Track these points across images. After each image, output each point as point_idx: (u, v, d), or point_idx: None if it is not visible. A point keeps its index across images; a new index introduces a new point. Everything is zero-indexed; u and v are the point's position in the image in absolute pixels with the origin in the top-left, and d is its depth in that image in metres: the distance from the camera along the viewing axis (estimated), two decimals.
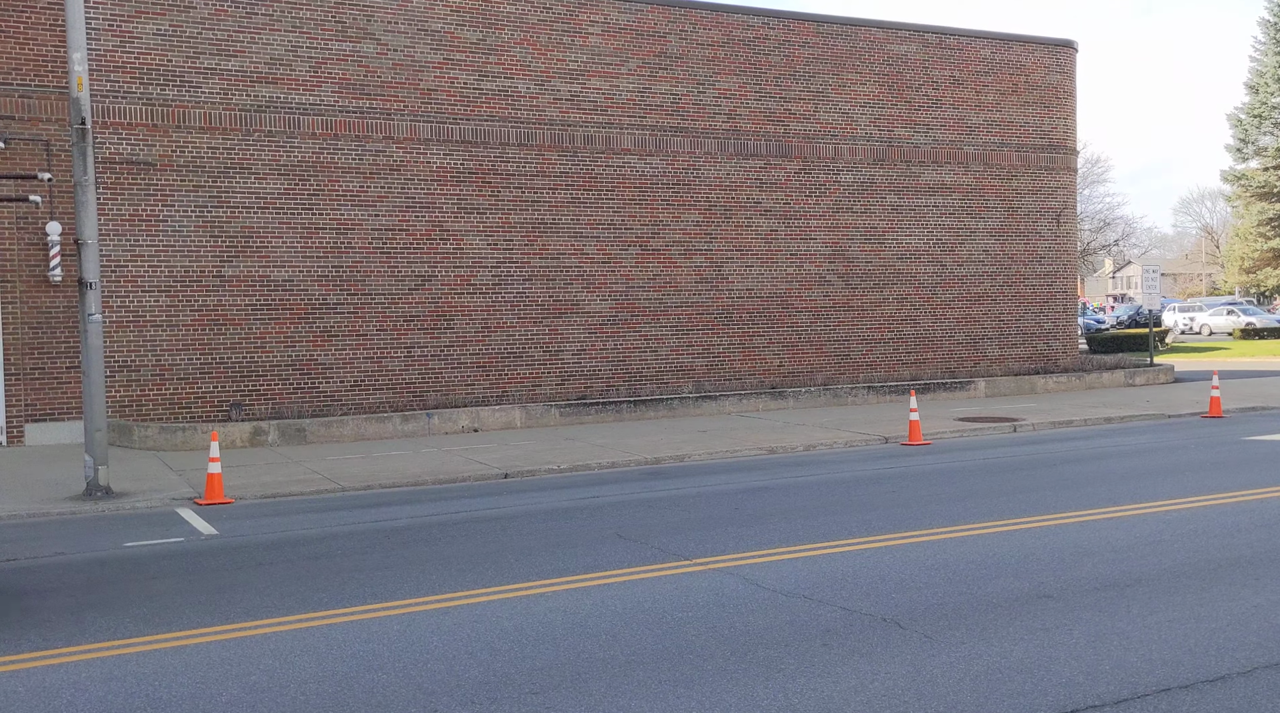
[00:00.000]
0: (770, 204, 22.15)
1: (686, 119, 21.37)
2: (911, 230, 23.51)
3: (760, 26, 22.11)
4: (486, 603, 7.46)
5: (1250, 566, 7.93)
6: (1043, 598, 7.17)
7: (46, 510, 11.74)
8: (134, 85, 17.37)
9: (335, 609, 7.42)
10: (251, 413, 17.98)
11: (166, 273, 17.59)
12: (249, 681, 5.99)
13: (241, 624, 7.12)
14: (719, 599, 7.37)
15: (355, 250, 18.83)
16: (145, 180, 17.45)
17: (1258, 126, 53.54)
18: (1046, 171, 25.12)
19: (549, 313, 20.30)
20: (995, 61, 24.53)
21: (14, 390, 16.77)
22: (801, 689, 5.59)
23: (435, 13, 19.35)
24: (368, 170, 18.87)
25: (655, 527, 10.01)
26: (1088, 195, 60.19)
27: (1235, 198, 57.87)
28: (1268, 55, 53.12)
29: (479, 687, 5.79)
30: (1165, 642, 6.21)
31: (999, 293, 24.55)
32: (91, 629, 7.10)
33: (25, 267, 16.77)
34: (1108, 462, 13.53)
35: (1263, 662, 5.85)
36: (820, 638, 6.44)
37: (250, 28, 18.08)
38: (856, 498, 11.37)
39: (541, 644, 6.47)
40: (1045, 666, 5.85)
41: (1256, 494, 10.90)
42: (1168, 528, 9.34)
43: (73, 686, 5.99)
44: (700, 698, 5.51)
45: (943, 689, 5.54)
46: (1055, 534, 9.19)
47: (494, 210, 19.81)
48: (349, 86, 18.74)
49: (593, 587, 7.81)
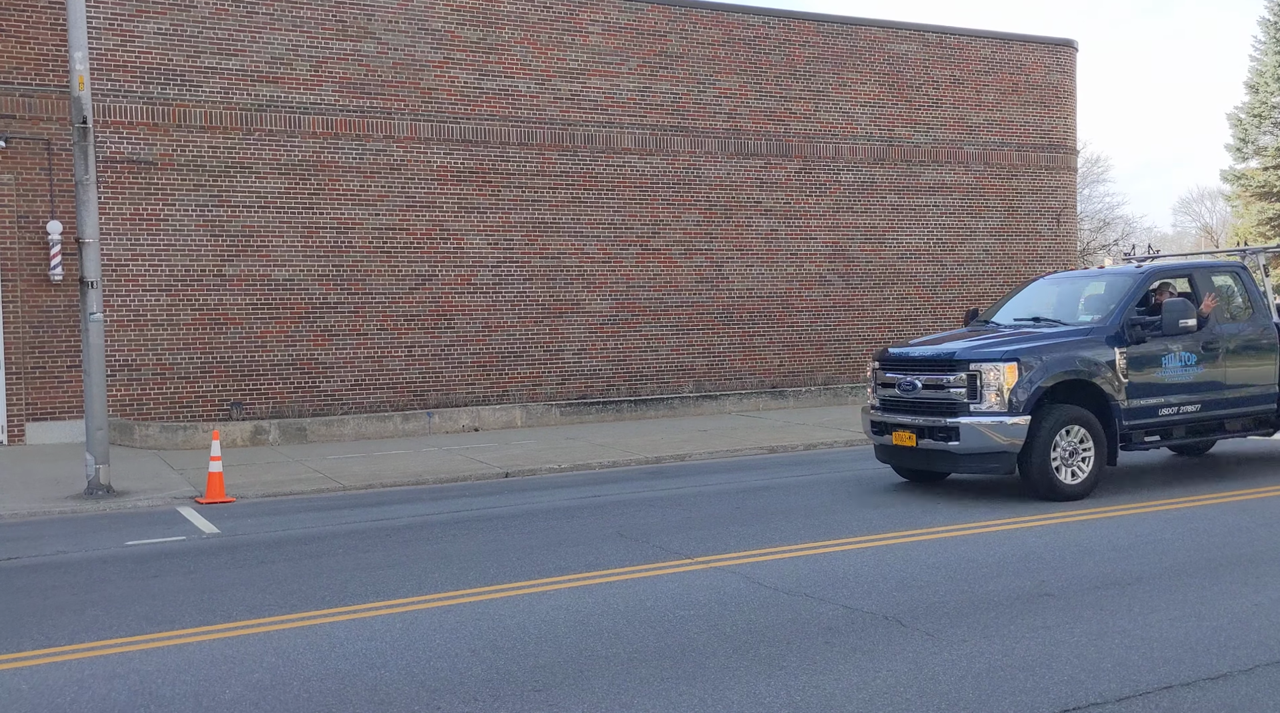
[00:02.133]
0: (771, 203, 22.15)
1: (687, 118, 21.37)
2: (912, 230, 23.51)
3: (761, 26, 22.12)
4: (489, 601, 7.47)
5: (1252, 564, 7.93)
6: (1044, 596, 7.18)
7: (48, 509, 11.75)
8: (135, 84, 17.37)
9: (337, 608, 7.42)
10: (252, 412, 17.99)
11: (167, 272, 17.59)
12: (251, 679, 6.00)
13: (244, 622, 7.13)
14: (721, 598, 7.38)
15: (356, 250, 18.84)
16: (146, 179, 17.46)
17: (1258, 126, 53.55)
18: (1047, 171, 25.13)
19: (549, 312, 20.30)
20: (996, 61, 24.54)
21: (15, 389, 16.78)
22: (804, 687, 5.60)
23: (436, 12, 19.35)
24: (368, 169, 18.87)
25: (656, 525, 10.02)
26: (1088, 195, 60.18)
27: (1235, 197, 57.87)
28: (1268, 55, 53.14)
29: (482, 684, 5.80)
30: (1167, 640, 6.21)
31: (999, 292, 24.54)
32: (94, 627, 7.10)
33: (26, 266, 16.78)
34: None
35: (1264, 660, 5.86)
36: (822, 636, 6.45)
37: (251, 27, 18.08)
38: (856, 497, 11.38)
39: (544, 642, 6.48)
40: (1047, 663, 5.85)
41: (1257, 493, 10.91)
42: (1168, 526, 9.35)
43: (75, 683, 6.00)
44: (702, 695, 5.52)
45: (944, 687, 5.54)
46: (1056, 533, 9.20)
47: (494, 210, 19.81)
48: (349, 86, 18.74)
49: (595, 585, 7.82)
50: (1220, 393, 11.55)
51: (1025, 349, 10.60)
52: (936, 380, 10.81)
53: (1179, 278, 12.21)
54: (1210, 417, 11.56)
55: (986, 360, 10.48)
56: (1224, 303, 11.95)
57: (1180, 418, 11.34)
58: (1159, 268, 12.14)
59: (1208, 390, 11.44)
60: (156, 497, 12.34)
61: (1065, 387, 10.73)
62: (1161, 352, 11.14)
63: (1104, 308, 11.37)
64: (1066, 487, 10.54)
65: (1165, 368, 11.15)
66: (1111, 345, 10.87)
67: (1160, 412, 11.15)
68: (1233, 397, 11.66)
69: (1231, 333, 11.78)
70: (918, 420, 10.94)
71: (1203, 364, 11.38)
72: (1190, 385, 11.32)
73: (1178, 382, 11.24)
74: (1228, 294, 12.13)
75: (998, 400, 10.39)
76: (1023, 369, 10.44)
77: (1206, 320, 11.46)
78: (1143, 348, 11.01)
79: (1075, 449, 10.60)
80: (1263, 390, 11.97)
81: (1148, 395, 11.03)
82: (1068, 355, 10.71)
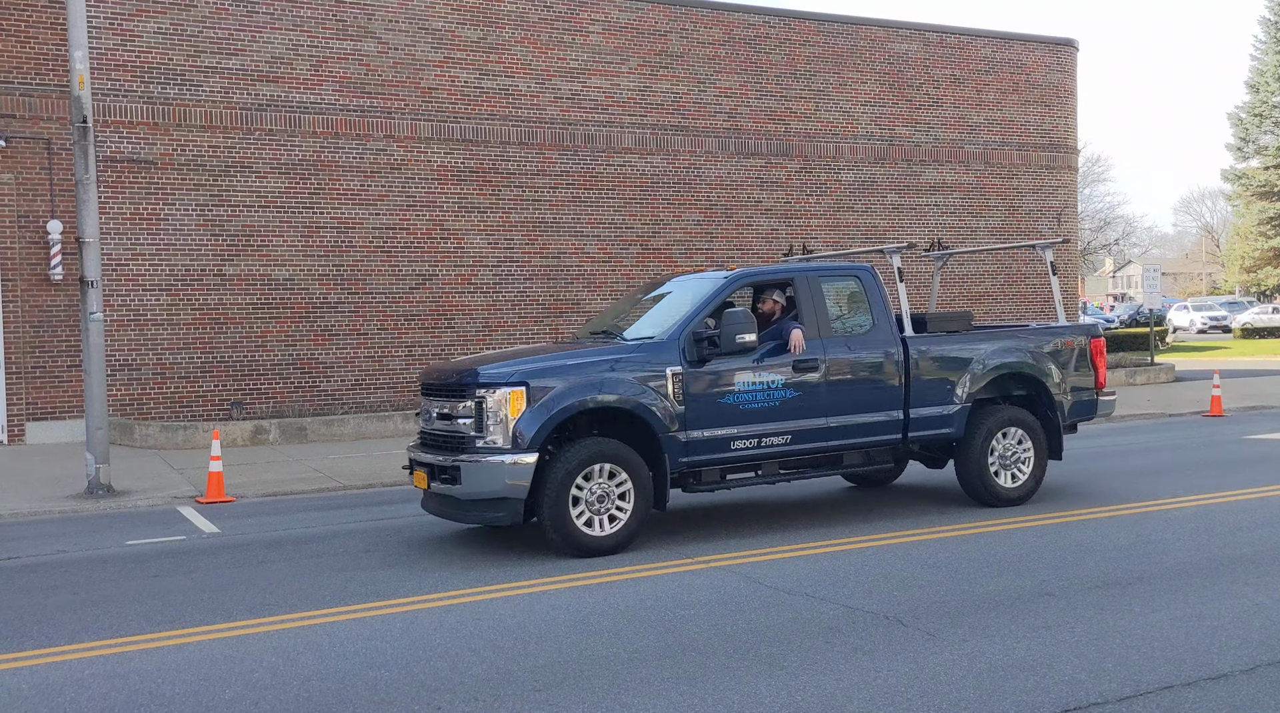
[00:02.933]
0: (771, 203, 22.15)
1: (687, 118, 21.37)
2: (912, 229, 23.49)
3: (761, 25, 22.11)
4: (489, 601, 7.46)
5: (1253, 564, 7.93)
6: (1045, 596, 7.17)
7: (48, 508, 11.74)
8: (135, 84, 17.37)
9: (337, 607, 7.42)
10: (252, 412, 17.98)
11: (167, 271, 17.59)
12: (251, 678, 5.99)
13: (244, 622, 7.12)
14: (721, 597, 7.37)
15: (356, 249, 18.83)
16: (146, 179, 17.45)
17: (1258, 125, 53.52)
18: (1047, 170, 25.13)
19: (550, 312, 20.30)
20: (996, 60, 24.53)
21: (15, 389, 16.78)
22: (804, 687, 5.59)
23: (436, 11, 19.35)
24: (368, 169, 18.87)
25: (656, 524, 10.00)
26: (1088, 194, 60.20)
27: (1236, 197, 57.85)
28: (1268, 54, 53.11)
29: (482, 684, 5.79)
30: (1168, 640, 6.20)
31: (999, 292, 24.55)
32: (94, 627, 7.09)
33: (26, 265, 16.78)
34: (1109, 460, 13.52)
35: (1265, 659, 5.85)
36: (822, 636, 6.44)
37: (251, 26, 18.07)
38: (856, 496, 11.37)
39: (544, 642, 6.47)
40: (1048, 663, 5.85)
41: (1258, 493, 10.90)
42: (1169, 526, 9.34)
43: (76, 683, 5.99)
44: (703, 695, 5.51)
45: (945, 687, 5.53)
46: (1056, 532, 9.19)
47: (494, 209, 19.81)
48: (350, 85, 18.73)
49: (595, 585, 7.81)
50: (822, 421, 9.49)
51: (540, 370, 8.74)
52: (448, 409, 8.92)
53: (776, 284, 10.13)
54: (810, 450, 9.55)
55: (492, 385, 8.60)
56: (845, 313, 10.03)
57: (764, 452, 9.30)
58: (750, 272, 10.03)
59: (804, 418, 9.40)
60: (157, 496, 12.33)
61: (595, 416, 8.90)
62: (734, 373, 9.11)
63: (671, 319, 9.38)
64: (591, 540, 8.62)
65: (739, 392, 9.13)
66: (665, 365, 8.89)
67: (734, 445, 9.11)
68: (842, 426, 9.61)
69: (841, 349, 9.72)
70: (432, 457, 9.05)
71: (793, 388, 9.36)
72: (777, 413, 9.27)
73: (759, 409, 9.20)
74: (850, 303, 10.12)
75: (502, 434, 8.52)
76: (532, 396, 8.53)
77: (779, 331, 9.56)
78: (709, 368, 9.03)
79: (607, 492, 8.68)
80: (884, 418, 9.85)
81: (714, 425, 9.02)
82: (598, 378, 8.75)
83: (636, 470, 8.77)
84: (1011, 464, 10.44)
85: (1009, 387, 10.63)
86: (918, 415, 10.02)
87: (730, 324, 8.95)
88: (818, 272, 10.16)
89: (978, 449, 10.23)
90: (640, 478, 8.78)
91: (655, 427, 8.81)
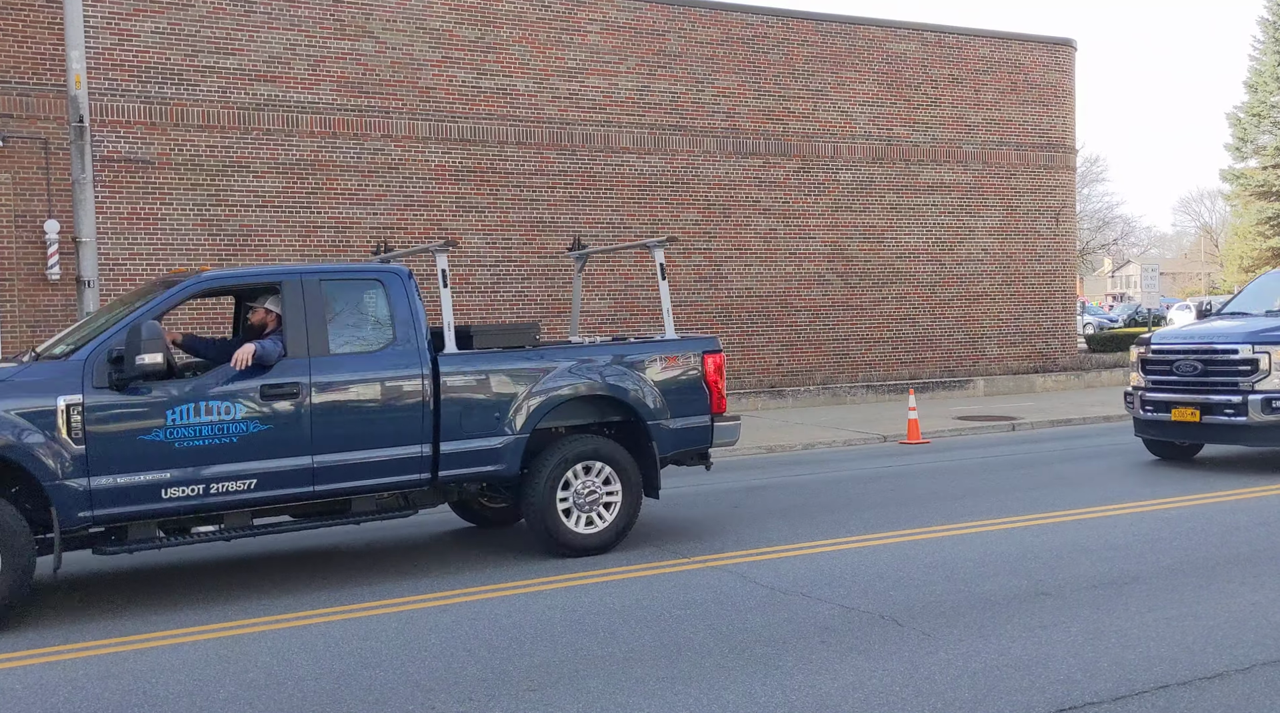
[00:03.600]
0: (769, 203, 22.13)
1: (685, 117, 21.36)
2: (910, 229, 23.49)
3: (759, 25, 22.10)
4: (484, 601, 7.46)
5: (1249, 563, 7.92)
6: (1041, 596, 7.17)
7: None
8: (132, 83, 17.35)
9: (333, 607, 7.41)
10: None
11: (165, 271, 17.57)
12: (246, 678, 5.99)
13: (238, 622, 7.12)
14: (717, 597, 7.37)
15: (354, 249, 18.81)
16: (143, 178, 17.43)
17: (1257, 125, 53.57)
18: (1046, 170, 25.12)
19: (547, 312, 20.28)
20: (994, 60, 24.53)
21: None
22: (799, 686, 5.59)
23: (433, 11, 19.34)
24: (366, 168, 18.86)
25: (652, 524, 10.00)
26: (1087, 194, 60.23)
27: (1234, 197, 57.91)
28: (1267, 54, 53.14)
29: (477, 684, 5.79)
30: (1163, 639, 6.20)
31: (998, 292, 24.55)
32: (88, 627, 7.09)
33: (23, 265, 16.75)
34: (1107, 460, 13.52)
35: (1261, 659, 5.85)
36: (818, 635, 6.44)
37: (248, 26, 18.06)
38: (854, 496, 11.37)
39: (539, 642, 6.47)
40: (1043, 663, 5.84)
41: (1255, 492, 10.90)
42: (1165, 526, 9.34)
43: (69, 683, 5.99)
44: (698, 695, 5.51)
45: (940, 686, 5.53)
46: (1053, 532, 9.19)
47: (492, 209, 19.80)
48: (347, 85, 18.72)
49: (590, 584, 7.81)
50: (307, 460, 7.77)
51: None
52: None
53: (262, 290, 8.42)
54: (289, 497, 7.83)
55: None
56: (354, 325, 8.29)
57: (218, 501, 7.54)
58: (219, 275, 8.37)
59: (278, 457, 7.67)
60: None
61: None
62: (168, 403, 7.39)
63: (103, 335, 7.52)
64: None
65: (174, 427, 7.37)
66: (60, 392, 7.12)
67: (166, 493, 7.35)
68: (338, 466, 7.87)
69: (338, 371, 7.98)
70: None
71: (260, 420, 7.64)
72: (235, 451, 7.53)
73: (206, 447, 7.46)
74: (363, 313, 8.43)
75: None
76: None
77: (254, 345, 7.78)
78: (126, 398, 7.27)
79: None
80: (403, 454, 8.13)
81: (135, 469, 7.25)
82: None
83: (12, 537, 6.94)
84: (590, 506, 8.77)
85: (588, 413, 9.02)
86: (452, 450, 8.28)
87: (132, 341, 7.15)
88: (319, 274, 8.32)
89: (542, 489, 8.54)
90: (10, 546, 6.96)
91: (38, 471, 7.02)
